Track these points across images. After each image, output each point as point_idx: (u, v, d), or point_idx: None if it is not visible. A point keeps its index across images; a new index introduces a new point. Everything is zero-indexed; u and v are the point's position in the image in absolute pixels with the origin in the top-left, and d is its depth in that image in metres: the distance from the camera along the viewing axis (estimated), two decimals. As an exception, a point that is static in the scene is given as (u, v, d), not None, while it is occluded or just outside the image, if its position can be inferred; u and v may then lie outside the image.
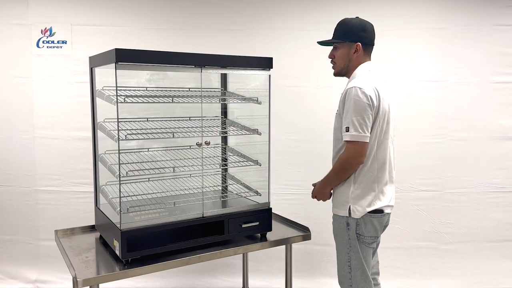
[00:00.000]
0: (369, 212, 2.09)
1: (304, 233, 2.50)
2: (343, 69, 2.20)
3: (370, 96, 2.00)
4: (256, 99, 2.43)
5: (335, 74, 2.26)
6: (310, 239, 2.50)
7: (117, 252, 2.03)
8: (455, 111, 3.32)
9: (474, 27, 3.27)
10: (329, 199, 2.26)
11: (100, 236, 2.37)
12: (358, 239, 2.10)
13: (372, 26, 2.18)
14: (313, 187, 2.31)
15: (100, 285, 1.99)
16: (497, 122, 3.33)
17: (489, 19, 3.26)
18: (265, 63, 2.36)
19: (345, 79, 2.23)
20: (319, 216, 3.32)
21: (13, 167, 3.28)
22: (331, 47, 2.25)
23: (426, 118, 3.33)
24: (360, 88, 2.00)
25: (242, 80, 2.68)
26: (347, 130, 2.00)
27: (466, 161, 3.35)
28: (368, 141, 2.02)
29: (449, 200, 3.37)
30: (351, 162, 2.04)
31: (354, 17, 2.20)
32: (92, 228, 2.52)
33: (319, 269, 3.44)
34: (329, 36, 2.25)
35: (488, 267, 3.42)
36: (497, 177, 3.37)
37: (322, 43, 2.25)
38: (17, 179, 3.29)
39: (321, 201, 2.28)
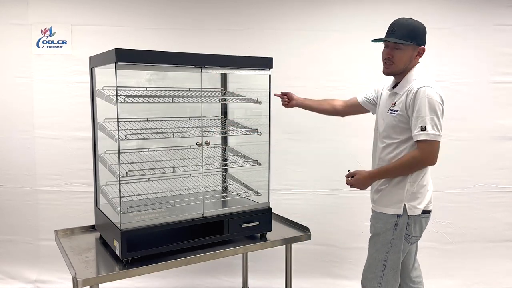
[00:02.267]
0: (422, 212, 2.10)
1: (304, 233, 2.50)
2: (400, 70, 2.14)
3: (441, 96, 2.02)
4: (256, 99, 2.43)
5: (389, 74, 2.19)
6: (310, 239, 2.50)
7: (117, 252, 2.03)
8: (455, 111, 3.31)
9: (474, 27, 3.26)
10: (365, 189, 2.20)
11: (100, 236, 2.38)
12: (405, 238, 2.10)
13: None
14: (350, 173, 2.23)
15: (100, 285, 1.99)
16: (497, 122, 3.33)
17: (490, 19, 3.25)
18: (265, 63, 2.35)
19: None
20: (319, 216, 3.35)
21: (13, 167, 3.28)
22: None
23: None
24: (431, 88, 2.00)
25: (242, 80, 2.68)
26: (423, 129, 1.96)
27: (466, 161, 3.35)
28: (440, 140, 1.99)
29: (449, 200, 3.37)
30: (424, 161, 2.00)
31: (408, 17, 2.17)
32: (92, 228, 2.52)
33: (319, 269, 3.44)
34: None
35: (488, 267, 3.42)
36: (497, 177, 3.36)
37: (383, 40, 2.15)
38: (17, 179, 3.29)
39: (355, 189, 2.22)
